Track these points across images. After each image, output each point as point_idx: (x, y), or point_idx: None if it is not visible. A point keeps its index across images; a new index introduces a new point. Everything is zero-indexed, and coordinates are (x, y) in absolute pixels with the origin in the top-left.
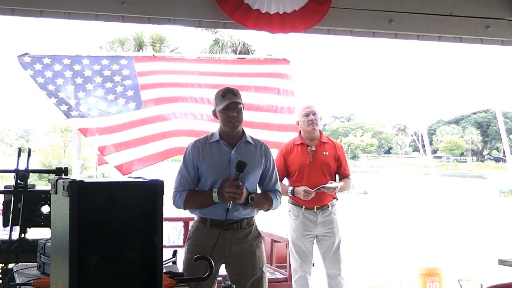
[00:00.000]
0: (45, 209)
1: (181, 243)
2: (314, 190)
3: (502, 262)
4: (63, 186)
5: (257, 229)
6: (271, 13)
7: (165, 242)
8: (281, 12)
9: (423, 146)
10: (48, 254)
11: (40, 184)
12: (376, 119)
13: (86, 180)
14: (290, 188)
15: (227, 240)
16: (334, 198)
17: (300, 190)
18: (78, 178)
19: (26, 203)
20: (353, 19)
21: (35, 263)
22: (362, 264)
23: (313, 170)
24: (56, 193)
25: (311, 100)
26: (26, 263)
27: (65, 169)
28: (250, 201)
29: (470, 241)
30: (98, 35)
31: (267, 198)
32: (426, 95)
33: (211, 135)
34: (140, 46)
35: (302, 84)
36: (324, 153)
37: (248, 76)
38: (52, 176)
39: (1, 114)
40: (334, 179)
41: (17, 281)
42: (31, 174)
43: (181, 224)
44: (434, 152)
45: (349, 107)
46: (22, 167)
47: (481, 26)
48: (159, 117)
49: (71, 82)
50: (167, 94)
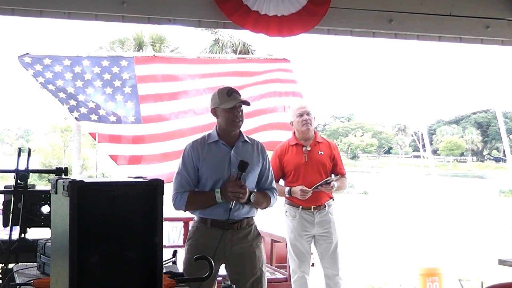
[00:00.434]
0: (45, 209)
1: (181, 243)
2: (311, 189)
3: (502, 262)
4: (63, 186)
5: (256, 228)
6: (270, 15)
7: (165, 242)
8: (279, 15)
9: (423, 146)
10: (48, 254)
11: (40, 184)
12: (376, 119)
13: (86, 180)
14: (287, 189)
15: (227, 240)
16: (330, 198)
17: (297, 190)
18: (78, 178)
19: (26, 203)
20: (353, 19)
21: (35, 263)
22: (362, 264)
23: (309, 170)
24: (56, 193)
25: (304, 100)
26: (26, 263)
27: (65, 169)
28: (251, 199)
29: (470, 241)
30: (98, 35)
31: (265, 196)
32: (426, 95)
33: (208, 135)
34: (140, 46)
35: (302, 84)
36: (319, 152)
37: (249, 75)
38: (52, 176)
39: (1, 114)
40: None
41: (17, 281)
42: (31, 174)
43: (181, 224)
44: (434, 152)
45: (349, 107)
46: (22, 167)
47: (481, 26)
48: (164, 135)
49: (71, 84)
50: (166, 111)
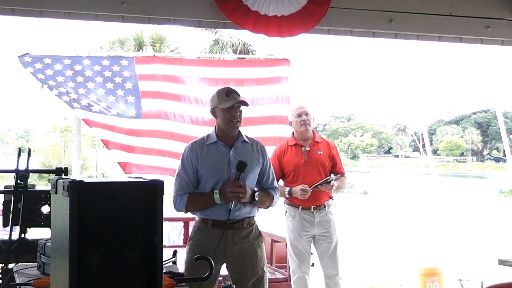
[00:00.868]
0: (45, 209)
1: (181, 243)
2: (311, 188)
3: (502, 262)
4: (63, 186)
5: (258, 228)
6: (270, 15)
7: (165, 242)
8: (279, 15)
9: (423, 146)
10: (48, 254)
11: (40, 184)
12: (376, 119)
13: (86, 180)
14: (287, 189)
15: (229, 240)
16: (330, 198)
17: (297, 190)
18: (78, 178)
19: (26, 203)
20: (353, 19)
21: (35, 263)
22: (362, 264)
23: (309, 170)
24: (56, 193)
25: (303, 100)
26: (26, 263)
27: (65, 169)
28: (256, 198)
29: (470, 241)
30: (98, 35)
31: (268, 195)
32: (426, 95)
33: (207, 136)
34: (140, 46)
35: (302, 84)
36: (319, 152)
37: (247, 84)
38: (52, 176)
39: (1, 114)
40: None
41: (17, 281)
42: (31, 174)
43: (181, 224)
44: (434, 152)
45: (349, 107)
46: (22, 167)
47: (481, 26)
48: (157, 132)
49: (72, 79)
50: (166, 108)
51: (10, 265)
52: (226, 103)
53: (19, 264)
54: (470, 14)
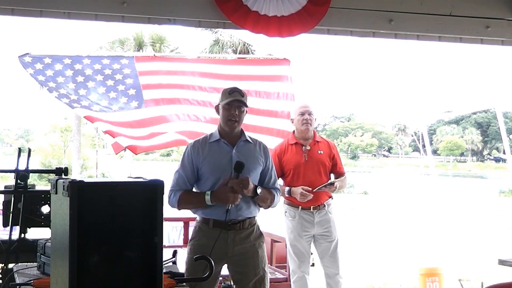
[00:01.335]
0: (45, 209)
1: (181, 243)
2: (313, 190)
3: (502, 262)
4: (63, 186)
5: (259, 228)
6: (269, 15)
7: (165, 242)
8: (279, 15)
9: (423, 146)
10: (48, 254)
11: (40, 184)
12: (376, 119)
13: (86, 180)
14: (286, 189)
15: (230, 240)
16: (329, 197)
17: (297, 192)
18: (78, 178)
19: (26, 203)
20: (353, 19)
21: (35, 263)
22: (362, 264)
23: (309, 169)
24: (56, 193)
25: (308, 100)
26: (26, 263)
27: (65, 169)
28: (258, 192)
29: (470, 241)
30: (98, 35)
31: (270, 193)
32: (426, 95)
33: (211, 135)
34: (140, 46)
35: (302, 84)
36: (319, 151)
37: (249, 79)
38: (52, 176)
39: (1, 114)
40: (329, 178)
41: (17, 281)
42: (31, 174)
43: (181, 224)
44: (434, 152)
45: (349, 107)
46: (22, 167)
47: (481, 26)
48: (161, 118)
49: (72, 80)
50: (168, 95)
51: (10, 265)
52: (226, 100)
53: (19, 264)
54: (470, 14)
